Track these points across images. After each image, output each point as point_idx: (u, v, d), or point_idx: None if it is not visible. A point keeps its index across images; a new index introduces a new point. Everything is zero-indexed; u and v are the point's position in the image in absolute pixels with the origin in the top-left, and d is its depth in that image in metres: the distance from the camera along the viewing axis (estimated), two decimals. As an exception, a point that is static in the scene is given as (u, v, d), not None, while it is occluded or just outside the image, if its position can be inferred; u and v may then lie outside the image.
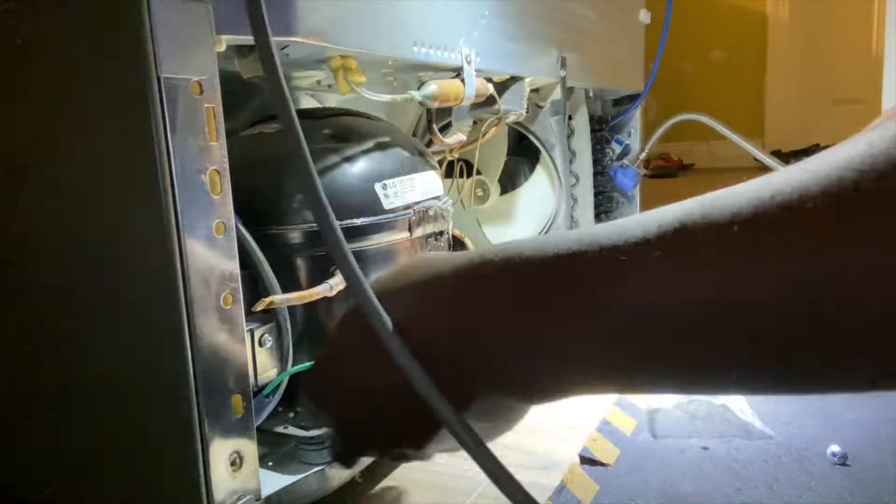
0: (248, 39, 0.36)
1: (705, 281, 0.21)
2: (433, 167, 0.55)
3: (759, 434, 0.47)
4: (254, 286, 0.41)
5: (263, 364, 0.41)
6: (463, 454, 0.28)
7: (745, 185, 0.22)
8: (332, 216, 0.28)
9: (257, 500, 0.35)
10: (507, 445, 0.48)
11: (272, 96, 0.28)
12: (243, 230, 0.41)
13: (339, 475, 0.41)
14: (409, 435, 0.30)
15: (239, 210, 0.35)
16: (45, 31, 0.32)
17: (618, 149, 1.05)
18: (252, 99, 0.58)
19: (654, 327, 0.23)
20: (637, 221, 0.23)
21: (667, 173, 2.69)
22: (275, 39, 0.38)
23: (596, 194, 0.96)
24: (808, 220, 0.19)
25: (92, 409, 0.36)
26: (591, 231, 0.25)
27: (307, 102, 0.67)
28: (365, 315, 0.28)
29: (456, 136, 0.64)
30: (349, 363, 0.30)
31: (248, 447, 0.34)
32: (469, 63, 0.54)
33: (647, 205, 1.04)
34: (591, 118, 0.93)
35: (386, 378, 0.29)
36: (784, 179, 0.20)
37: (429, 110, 0.55)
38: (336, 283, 0.43)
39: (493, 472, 0.27)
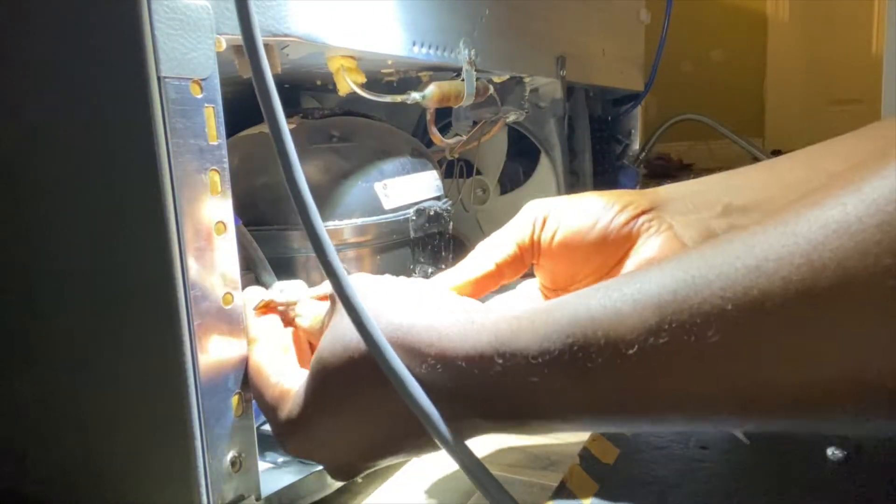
0: (248, 39, 0.36)
1: (708, 367, 0.21)
2: (433, 167, 0.55)
3: (734, 441, 0.47)
4: (254, 286, 0.41)
5: (263, 364, 0.40)
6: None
7: (731, 246, 0.21)
8: (321, 225, 0.29)
9: (257, 500, 0.35)
10: (508, 445, 0.48)
11: (260, 97, 0.28)
12: (243, 230, 0.41)
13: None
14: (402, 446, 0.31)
15: (239, 210, 0.35)
16: (43, 32, 0.32)
17: (618, 148, 1.05)
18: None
19: (654, 405, 0.23)
20: (633, 294, 0.23)
21: (666, 173, 2.71)
22: (275, 39, 0.38)
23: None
24: (793, 295, 0.19)
25: (91, 409, 0.36)
26: (586, 306, 0.24)
27: (307, 102, 0.67)
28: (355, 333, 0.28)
29: (456, 137, 0.64)
30: (337, 403, 0.31)
31: (248, 447, 0.34)
32: (469, 63, 0.54)
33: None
34: (591, 118, 0.93)
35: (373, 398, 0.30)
36: (767, 244, 0.20)
37: (429, 110, 0.55)
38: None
39: (472, 471, 0.28)
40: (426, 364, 0.28)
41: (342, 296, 0.28)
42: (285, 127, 0.28)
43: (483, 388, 0.27)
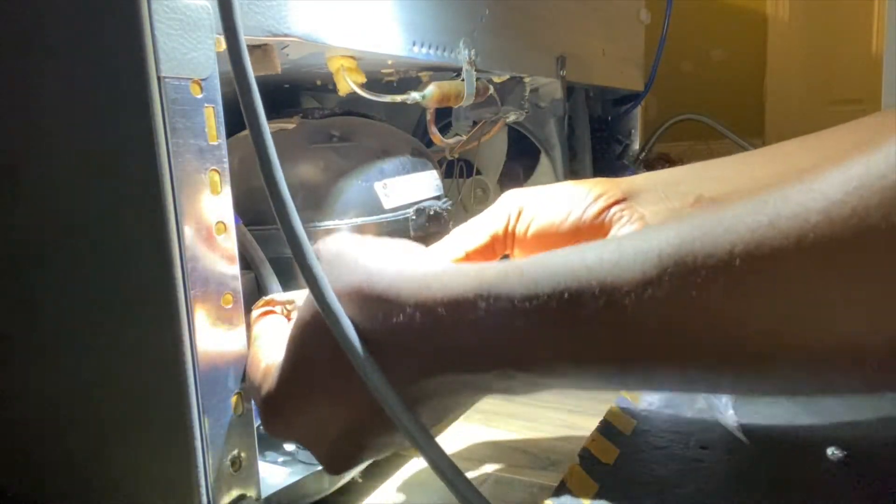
0: (250, 40, 0.36)
1: (708, 320, 0.21)
2: (433, 167, 0.55)
3: (734, 441, 0.47)
4: (254, 286, 0.41)
5: (263, 364, 0.40)
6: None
7: (742, 203, 0.21)
8: (296, 216, 0.28)
9: (257, 500, 0.35)
10: (507, 446, 0.48)
11: (242, 98, 0.28)
12: (243, 230, 0.41)
13: (339, 475, 0.41)
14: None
15: (239, 210, 0.35)
16: (43, 31, 0.32)
17: (618, 148, 1.05)
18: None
19: (647, 357, 0.23)
20: (634, 247, 0.22)
21: (667, 173, 2.69)
22: (275, 39, 0.38)
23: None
24: (809, 250, 0.19)
25: (91, 409, 0.36)
26: (581, 256, 0.24)
27: (307, 102, 0.67)
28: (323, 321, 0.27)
29: (456, 137, 0.64)
30: (311, 380, 0.30)
31: (248, 447, 0.34)
32: (469, 63, 0.54)
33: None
34: (591, 118, 0.93)
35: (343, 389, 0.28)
36: (783, 199, 0.20)
37: (429, 110, 0.55)
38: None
39: (439, 467, 0.27)
40: (404, 313, 0.26)
41: (285, 227, 0.27)
42: (266, 128, 0.28)
43: (463, 335, 0.25)
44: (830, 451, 0.45)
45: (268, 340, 0.34)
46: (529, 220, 0.38)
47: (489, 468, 0.45)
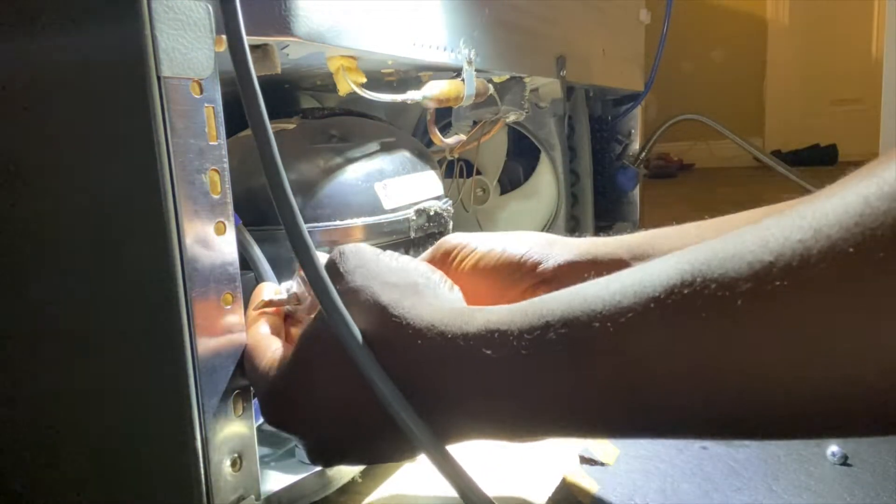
0: (250, 39, 0.36)
1: (711, 358, 0.21)
2: (433, 167, 0.55)
3: (735, 441, 0.47)
4: (254, 286, 0.41)
5: (263, 364, 0.40)
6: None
7: (742, 238, 0.21)
8: (303, 225, 0.29)
9: (257, 500, 0.35)
10: (508, 445, 0.48)
11: (244, 97, 0.28)
12: (243, 230, 0.41)
13: (339, 475, 0.41)
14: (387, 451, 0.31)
15: (239, 210, 0.35)
16: (43, 31, 0.32)
17: (618, 148, 1.05)
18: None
19: (650, 397, 0.22)
20: (634, 286, 0.22)
21: (667, 173, 2.70)
22: (275, 40, 0.38)
23: (596, 194, 0.96)
24: (810, 288, 0.19)
25: (91, 408, 0.36)
26: (582, 297, 0.24)
27: (307, 102, 0.67)
28: (329, 321, 0.28)
29: (456, 137, 0.64)
30: (318, 376, 0.30)
31: (248, 447, 0.34)
32: (469, 63, 0.54)
33: (647, 205, 1.04)
34: (591, 118, 0.93)
35: (355, 392, 0.29)
36: (783, 237, 0.20)
37: (429, 110, 0.55)
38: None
39: (453, 477, 0.27)
40: (410, 350, 0.27)
41: (305, 264, 0.28)
42: (268, 126, 0.28)
43: (465, 377, 0.26)
44: (830, 451, 0.45)
45: (269, 328, 0.35)
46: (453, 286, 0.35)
47: (489, 468, 0.45)
